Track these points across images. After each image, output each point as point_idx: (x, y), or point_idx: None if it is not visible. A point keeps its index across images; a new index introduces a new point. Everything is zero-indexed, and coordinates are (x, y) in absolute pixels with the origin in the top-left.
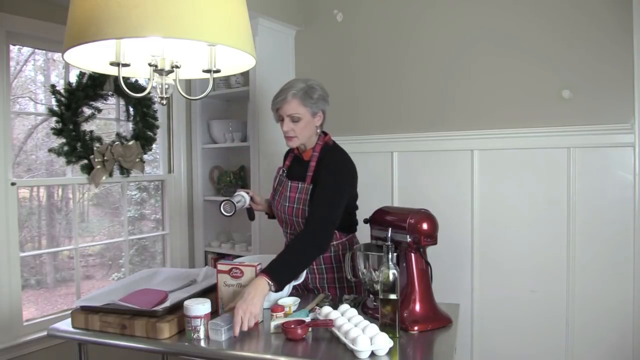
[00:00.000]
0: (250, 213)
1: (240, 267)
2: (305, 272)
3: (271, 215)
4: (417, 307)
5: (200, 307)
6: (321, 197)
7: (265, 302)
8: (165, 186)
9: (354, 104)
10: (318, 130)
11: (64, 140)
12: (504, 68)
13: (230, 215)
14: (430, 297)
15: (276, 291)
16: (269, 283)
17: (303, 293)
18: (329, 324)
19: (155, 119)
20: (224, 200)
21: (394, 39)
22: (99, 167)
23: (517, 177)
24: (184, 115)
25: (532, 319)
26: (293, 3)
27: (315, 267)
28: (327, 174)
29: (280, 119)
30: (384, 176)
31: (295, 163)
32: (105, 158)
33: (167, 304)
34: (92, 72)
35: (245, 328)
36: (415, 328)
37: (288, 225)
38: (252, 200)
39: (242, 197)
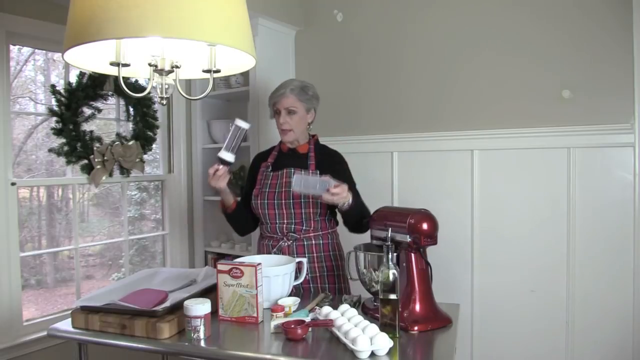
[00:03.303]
0: (223, 162)
1: (240, 267)
2: (305, 272)
3: (230, 210)
4: (417, 307)
5: (200, 307)
6: (356, 189)
7: (265, 302)
8: (165, 186)
9: (354, 103)
10: (309, 127)
11: (64, 140)
12: (504, 68)
13: (245, 130)
14: (430, 297)
15: (347, 209)
16: (350, 201)
17: (303, 293)
18: (329, 324)
19: (155, 119)
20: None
21: (393, 39)
22: (99, 167)
23: (517, 177)
24: (184, 115)
25: (532, 319)
26: (293, 3)
27: (314, 255)
28: (346, 170)
29: (277, 113)
30: (384, 176)
31: (284, 157)
32: (105, 158)
33: (167, 304)
34: (92, 72)
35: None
36: (415, 328)
37: (284, 215)
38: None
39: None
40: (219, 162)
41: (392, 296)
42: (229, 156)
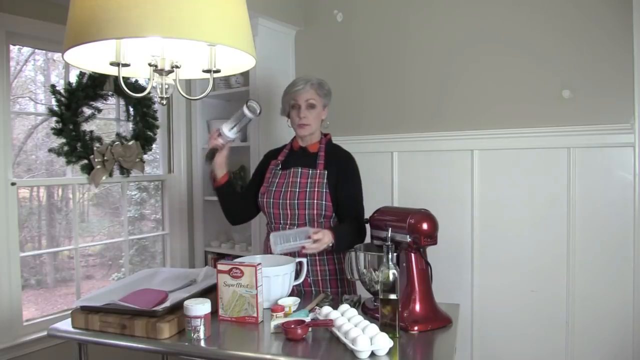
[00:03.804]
0: (211, 155)
1: (240, 267)
2: (305, 272)
3: (219, 184)
4: (417, 307)
5: (200, 307)
6: (359, 198)
7: (265, 303)
8: (165, 186)
9: (354, 104)
10: (323, 124)
11: (64, 140)
12: (504, 68)
13: (255, 116)
14: (430, 297)
15: (331, 249)
16: (332, 242)
17: (304, 295)
18: (329, 324)
19: (155, 119)
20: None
21: (394, 39)
22: (99, 167)
23: (517, 177)
24: (184, 115)
25: (532, 319)
26: (293, 3)
27: (317, 257)
28: (353, 175)
29: (295, 108)
30: (384, 176)
31: (294, 156)
32: (105, 158)
33: (167, 304)
34: (92, 72)
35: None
36: (415, 328)
37: (288, 216)
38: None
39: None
40: (218, 134)
41: (392, 296)
42: (230, 133)
